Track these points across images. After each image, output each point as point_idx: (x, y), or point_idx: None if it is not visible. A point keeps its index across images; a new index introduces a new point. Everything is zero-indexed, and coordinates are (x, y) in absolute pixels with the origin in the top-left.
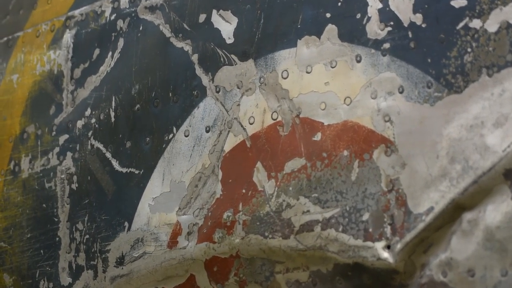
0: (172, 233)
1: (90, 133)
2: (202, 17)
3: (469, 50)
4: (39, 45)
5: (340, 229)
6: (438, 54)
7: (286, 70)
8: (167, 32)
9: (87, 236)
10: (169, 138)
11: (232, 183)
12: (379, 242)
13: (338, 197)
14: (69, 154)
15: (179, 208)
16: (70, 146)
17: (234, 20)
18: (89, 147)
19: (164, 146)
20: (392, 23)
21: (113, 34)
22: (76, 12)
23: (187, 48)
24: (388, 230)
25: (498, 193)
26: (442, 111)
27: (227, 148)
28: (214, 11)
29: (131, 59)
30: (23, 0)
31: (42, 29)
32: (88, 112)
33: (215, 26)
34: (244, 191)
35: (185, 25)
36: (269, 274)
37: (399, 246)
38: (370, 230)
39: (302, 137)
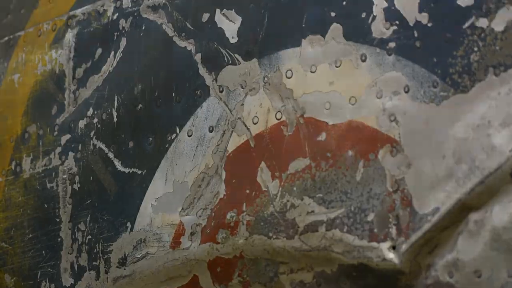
0: (175, 234)
1: (92, 133)
2: (205, 16)
3: (475, 49)
4: (41, 45)
5: (345, 230)
6: (444, 53)
7: (290, 70)
8: (170, 32)
9: (89, 237)
10: (172, 138)
11: (235, 183)
12: (384, 243)
13: (343, 197)
14: (71, 154)
15: (182, 209)
16: (72, 146)
17: (238, 19)
18: (91, 147)
19: (167, 146)
20: (397, 22)
21: (115, 33)
22: (78, 11)
23: (190, 47)
24: (393, 230)
25: (505, 194)
26: (448, 110)
27: (231, 148)
28: (218, 10)
29: (134, 59)
30: None
31: (43, 28)
32: (90, 112)
33: (218, 25)
34: (247, 191)
35: (188, 24)
36: (273, 275)
37: (404, 246)
38: (375, 230)
39: (307, 137)
